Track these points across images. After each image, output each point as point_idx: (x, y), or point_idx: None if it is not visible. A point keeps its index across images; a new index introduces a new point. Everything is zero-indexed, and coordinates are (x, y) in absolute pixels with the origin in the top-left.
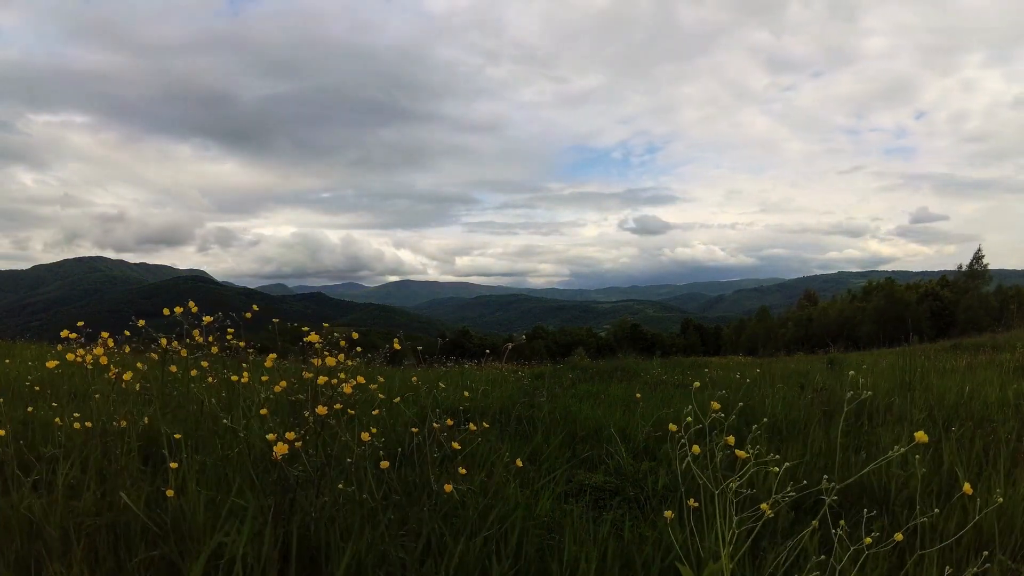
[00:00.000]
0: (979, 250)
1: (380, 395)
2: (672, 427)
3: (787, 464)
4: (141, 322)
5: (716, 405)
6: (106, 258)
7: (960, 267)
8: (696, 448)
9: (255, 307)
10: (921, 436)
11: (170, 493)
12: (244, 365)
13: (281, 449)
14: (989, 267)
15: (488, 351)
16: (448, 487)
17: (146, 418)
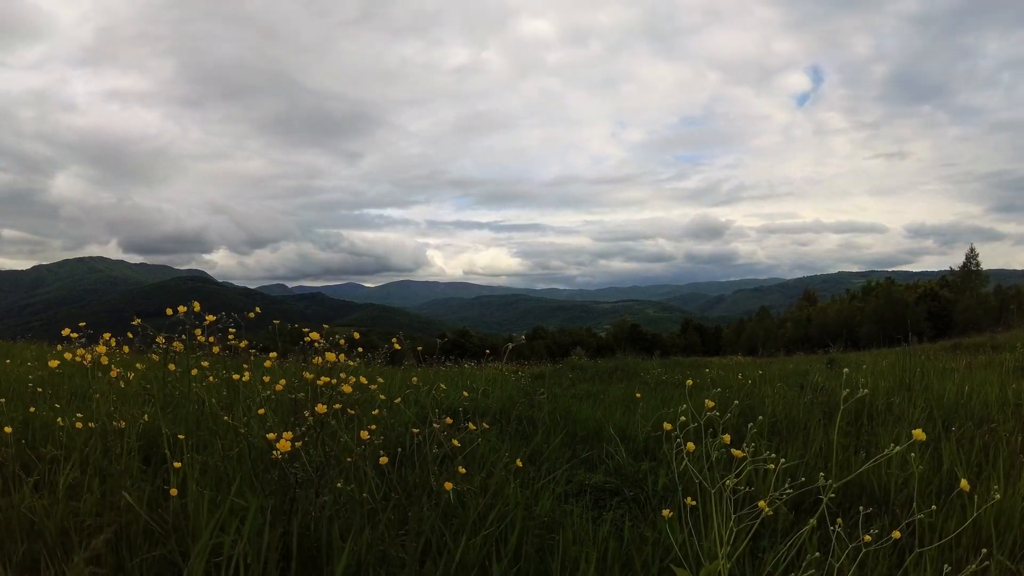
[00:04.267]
0: (972, 250)
1: (380, 396)
2: (667, 426)
3: (785, 463)
4: (137, 320)
5: (710, 404)
6: (106, 258)
7: (951, 269)
8: (691, 446)
9: (257, 309)
10: (919, 434)
11: (174, 492)
12: (245, 365)
13: (284, 447)
14: (987, 268)
15: (488, 351)
16: (448, 485)
17: (145, 416)
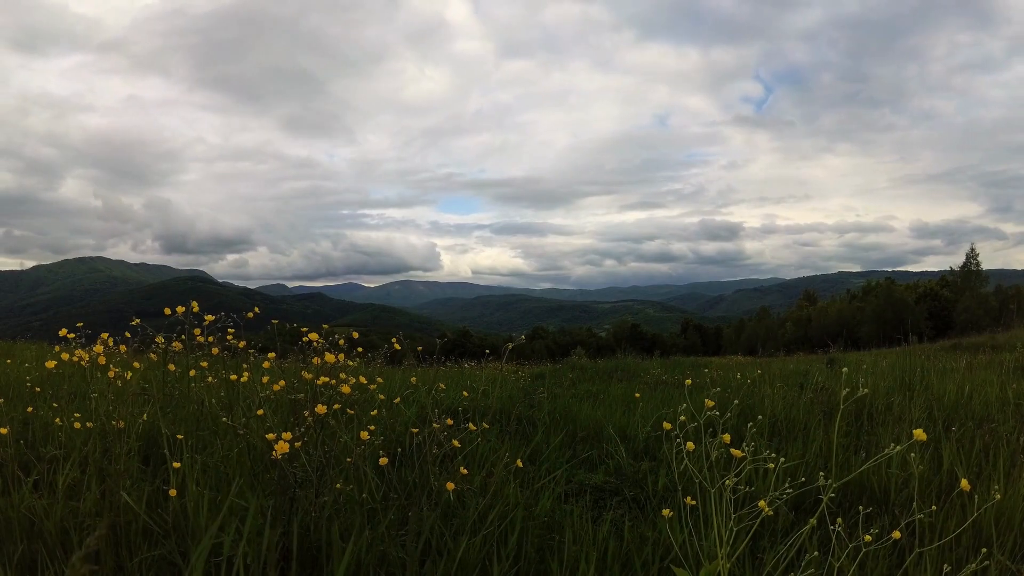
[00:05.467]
0: (972, 250)
1: (380, 396)
2: (667, 425)
3: (784, 462)
4: (135, 320)
5: (710, 403)
6: (106, 258)
7: (951, 268)
8: (691, 445)
9: (256, 309)
10: (919, 434)
11: (173, 492)
12: (244, 365)
13: (282, 448)
14: (987, 267)
15: (488, 351)
16: (450, 485)
17: (144, 416)
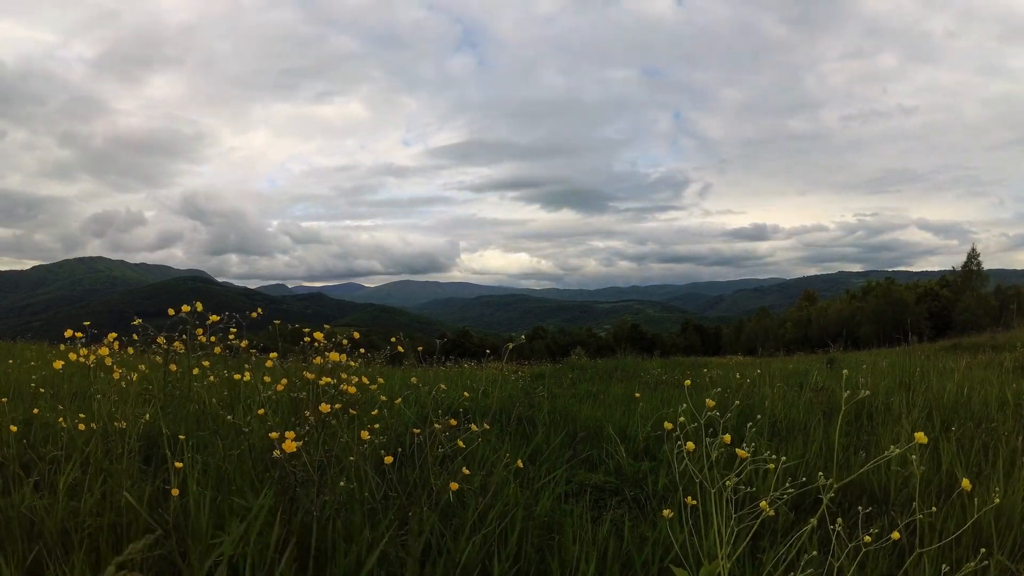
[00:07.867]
0: (973, 250)
1: (381, 396)
2: (667, 425)
3: (784, 461)
4: (137, 320)
5: (711, 403)
6: (106, 258)
7: (953, 268)
8: (690, 445)
9: (260, 310)
10: (920, 437)
11: (175, 492)
12: (246, 366)
13: (289, 447)
14: (987, 267)
15: (488, 351)
16: (454, 485)
17: (146, 416)
